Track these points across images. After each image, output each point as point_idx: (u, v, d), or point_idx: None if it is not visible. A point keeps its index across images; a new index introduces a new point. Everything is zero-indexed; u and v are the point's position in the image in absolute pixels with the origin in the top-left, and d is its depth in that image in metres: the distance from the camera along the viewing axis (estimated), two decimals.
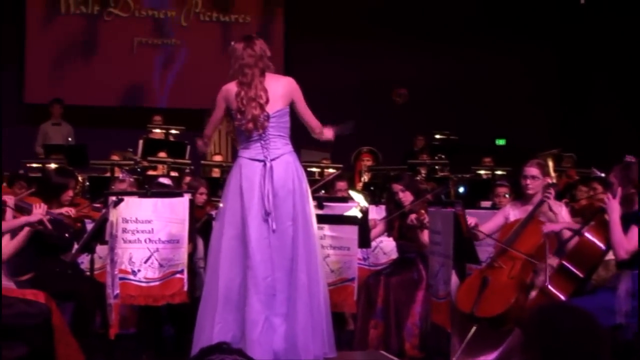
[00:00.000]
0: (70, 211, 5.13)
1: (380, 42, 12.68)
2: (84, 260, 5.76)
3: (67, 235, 5.34)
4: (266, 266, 4.28)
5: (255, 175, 4.36)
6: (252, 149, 4.43)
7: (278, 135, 4.43)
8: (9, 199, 4.55)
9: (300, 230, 4.37)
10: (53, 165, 8.41)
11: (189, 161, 9.06)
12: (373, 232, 5.76)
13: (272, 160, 4.39)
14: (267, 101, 4.41)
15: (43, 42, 12.59)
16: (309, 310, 4.34)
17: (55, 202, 5.36)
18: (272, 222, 4.32)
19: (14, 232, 4.82)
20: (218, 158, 10.14)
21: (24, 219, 4.35)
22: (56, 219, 4.86)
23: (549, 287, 4.56)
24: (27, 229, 4.82)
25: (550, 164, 7.85)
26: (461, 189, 8.33)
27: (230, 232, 4.35)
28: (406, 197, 5.72)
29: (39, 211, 4.38)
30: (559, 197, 5.63)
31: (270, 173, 4.36)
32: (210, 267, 4.42)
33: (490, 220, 5.23)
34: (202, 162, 9.59)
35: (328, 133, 4.68)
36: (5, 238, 4.83)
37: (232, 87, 4.48)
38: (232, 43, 4.57)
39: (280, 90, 4.46)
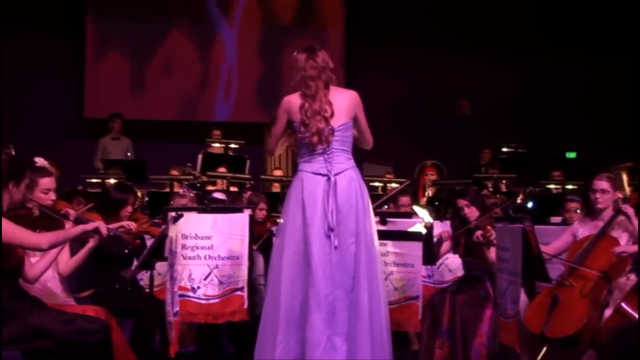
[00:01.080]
0: (131, 225, 5.21)
1: (444, 52, 12.63)
2: (143, 277, 5.85)
3: (126, 251, 5.42)
4: (328, 284, 4.28)
5: (318, 190, 4.36)
6: (315, 162, 4.43)
7: (341, 150, 4.44)
8: (71, 212, 4.64)
9: (362, 247, 4.35)
10: (112, 181, 8.57)
11: (248, 176, 9.14)
12: (437, 250, 5.72)
13: (335, 174, 4.39)
14: (332, 115, 4.41)
15: (102, 57, 12.87)
16: (369, 330, 4.31)
17: (114, 217, 5.45)
18: (334, 238, 4.32)
19: (73, 248, 4.92)
20: (278, 172, 10.21)
21: (81, 227, 4.42)
22: (115, 235, 4.95)
23: (624, 306, 4.46)
24: (88, 245, 4.92)
25: (624, 177, 7.70)
26: (530, 204, 8.21)
27: (292, 248, 4.36)
28: (472, 213, 5.67)
29: (98, 222, 4.45)
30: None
31: (334, 188, 4.35)
32: (271, 285, 4.43)
33: (558, 239, 5.15)
34: (262, 176, 9.67)
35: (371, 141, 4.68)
36: (66, 254, 4.94)
37: (294, 99, 4.49)
38: (295, 53, 4.58)
39: (344, 103, 4.46)
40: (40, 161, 5.06)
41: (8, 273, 4.10)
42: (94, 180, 9.15)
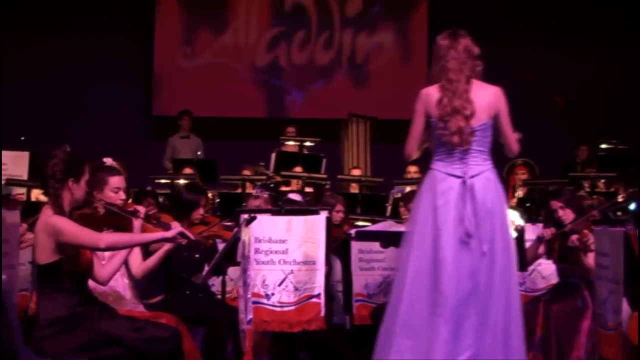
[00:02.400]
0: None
1: (534, 45, 12.45)
2: (214, 283, 5.91)
3: (197, 255, 5.50)
4: (459, 293, 4.23)
5: (452, 192, 4.29)
6: (450, 162, 4.35)
7: (479, 150, 4.34)
8: (140, 209, 4.72)
9: (497, 255, 4.27)
10: (182, 181, 8.69)
11: (325, 176, 9.14)
12: (530, 254, 5.64)
13: (471, 177, 4.32)
14: (473, 114, 4.32)
15: (171, 54, 13.09)
16: (503, 343, 4.24)
17: (185, 220, 5.53)
18: (478, 244, 4.24)
19: (146, 251, 5.01)
20: (356, 172, 10.20)
21: (159, 234, 4.50)
22: (196, 239, 5.03)
23: None
24: (165, 247, 5.00)
25: None
26: (632, 206, 8.01)
27: (419, 252, 4.30)
28: (567, 215, 5.57)
29: (177, 228, 4.52)
30: None
31: (470, 191, 4.29)
32: (395, 289, 4.39)
33: None
34: (339, 176, 9.67)
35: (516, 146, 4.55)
36: (137, 257, 5.01)
37: (433, 92, 4.40)
38: (437, 38, 4.48)
39: (485, 101, 4.35)
40: (108, 161, 5.17)
41: (77, 275, 4.21)
42: (163, 181, 9.28)
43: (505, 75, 4.58)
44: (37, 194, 8.47)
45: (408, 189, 8.81)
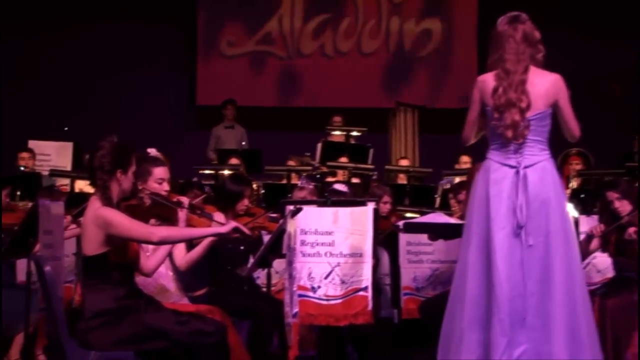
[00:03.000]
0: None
1: (589, 30, 12.29)
2: (260, 275, 5.95)
3: (242, 247, 5.53)
4: (513, 286, 4.20)
5: (505, 182, 4.28)
6: (504, 152, 4.33)
7: (535, 140, 4.31)
8: (184, 199, 4.76)
9: (554, 248, 4.23)
10: (227, 172, 8.74)
11: (371, 166, 9.14)
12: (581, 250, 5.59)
13: (525, 167, 4.28)
14: (529, 106, 4.28)
15: (215, 42, 13.16)
16: (564, 339, 4.19)
17: (230, 211, 5.56)
18: (525, 236, 4.24)
19: (189, 243, 5.05)
20: (404, 162, 10.18)
21: (213, 229, 4.54)
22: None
23: None
24: (208, 240, 5.05)
25: None
26: None
27: (477, 243, 4.31)
28: (623, 207, 5.51)
29: (231, 223, 4.56)
30: None
31: (523, 181, 4.26)
32: (457, 280, 4.40)
33: None
34: (387, 167, 9.66)
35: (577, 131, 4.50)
36: (181, 249, 5.07)
37: (489, 80, 4.37)
38: (497, 23, 4.41)
39: (542, 89, 4.31)
40: (152, 152, 5.23)
41: (124, 267, 4.26)
42: (207, 172, 9.35)
43: (560, 61, 4.51)
44: (81, 185, 8.59)
45: (458, 179, 8.77)
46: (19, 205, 7.62)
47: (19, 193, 7.61)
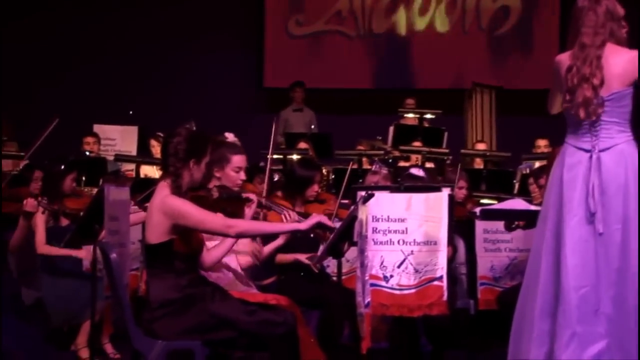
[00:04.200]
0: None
1: None
2: (330, 264, 5.97)
3: (312, 235, 5.55)
4: (583, 275, 4.14)
5: (580, 167, 4.23)
6: (579, 135, 4.28)
7: (612, 122, 4.23)
8: (254, 197, 4.76)
9: (632, 236, 4.15)
10: (295, 157, 8.78)
11: (446, 150, 9.09)
12: None
13: (600, 150, 4.22)
14: (602, 82, 4.20)
15: (282, 22, 13.19)
16: (635, 340, 4.11)
17: (299, 198, 5.59)
18: (597, 223, 4.19)
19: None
20: (481, 146, 10.10)
21: (293, 225, 4.55)
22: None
23: None
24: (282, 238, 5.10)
25: None
26: None
27: (550, 230, 4.28)
28: None
29: (314, 217, 4.57)
30: None
31: (597, 166, 4.20)
32: (531, 268, 4.38)
33: None
34: (462, 151, 9.59)
35: None
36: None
37: (564, 59, 4.32)
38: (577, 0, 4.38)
39: (619, 68, 4.23)
40: (230, 137, 5.26)
41: (189, 257, 4.31)
42: (275, 156, 9.38)
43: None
44: (146, 170, 8.71)
45: (537, 164, 8.66)
46: (84, 190, 7.77)
47: (84, 178, 7.75)
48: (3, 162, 8.91)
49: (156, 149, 9.28)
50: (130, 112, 10.87)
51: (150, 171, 8.82)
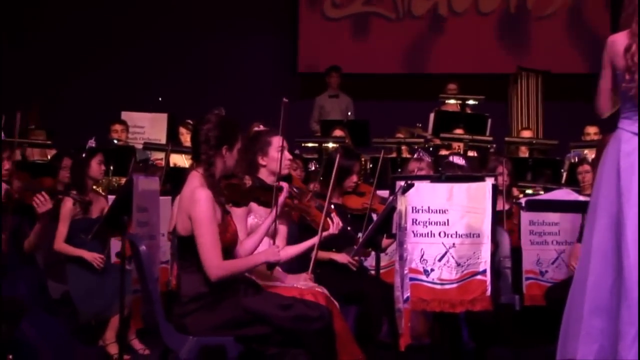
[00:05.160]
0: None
1: None
2: (367, 257, 5.97)
3: (349, 228, 5.56)
4: None
5: (637, 153, 4.20)
6: (637, 120, 4.23)
7: None
8: (285, 186, 4.79)
9: None
10: (331, 145, 8.78)
11: (490, 138, 9.05)
12: None
13: None
14: None
15: (318, 4, 13.18)
16: None
17: (337, 188, 5.59)
18: None
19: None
20: (527, 134, 10.04)
21: (262, 257, 4.51)
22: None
23: None
24: (313, 240, 5.11)
25: None
26: None
27: (604, 221, 4.23)
28: None
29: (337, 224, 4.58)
30: None
31: None
32: (581, 263, 4.35)
33: None
34: (507, 139, 9.54)
35: None
36: (281, 241, 5.10)
37: (619, 39, 4.27)
38: None
39: None
40: (260, 128, 5.33)
41: (222, 249, 4.32)
42: (310, 145, 9.40)
43: None
44: (176, 159, 8.76)
45: (586, 152, 8.60)
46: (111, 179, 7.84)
47: (112, 168, 7.81)
48: (32, 151, 9.02)
49: (185, 137, 9.34)
50: (160, 99, 10.92)
51: (180, 160, 8.87)
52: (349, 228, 5.58)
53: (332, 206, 5.28)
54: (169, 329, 4.34)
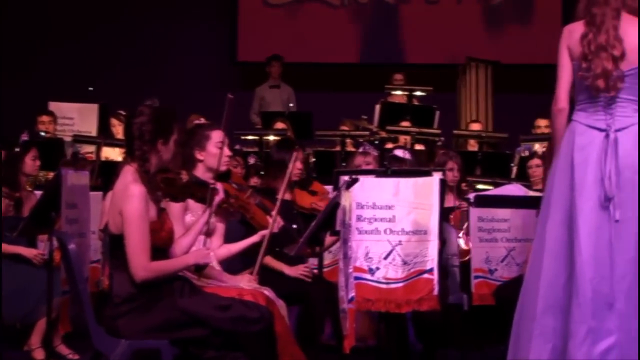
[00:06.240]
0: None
1: None
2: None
3: (294, 226, 5.57)
4: (597, 266, 4.17)
5: (592, 147, 4.25)
6: (593, 113, 4.29)
7: (629, 100, 4.26)
8: (220, 188, 4.74)
9: None
10: (272, 138, 8.78)
11: (438, 131, 9.11)
12: None
13: (617, 130, 4.24)
14: (623, 55, 4.23)
15: None
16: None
17: (281, 183, 5.59)
18: (613, 209, 4.20)
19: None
20: (476, 127, 10.12)
21: (187, 260, 4.50)
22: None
23: None
24: (252, 239, 5.13)
25: None
26: None
27: (557, 216, 4.29)
28: None
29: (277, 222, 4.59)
30: None
31: (614, 147, 4.21)
32: (533, 260, 4.40)
33: None
34: (455, 131, 9.61)
35: None
36: (218, 239, 5.09)
37: (576, 27, 4.35)
38: None
39: (638, 40, 4.25)
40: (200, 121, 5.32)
41: (156, 248, 4.29)
42: (250, 137, 9.39)
43: None
44: (108, 153, 8.69)
45: (537, 146, 8.70)
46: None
47: (39, 162, 7.71)
48: None
49: (117, 128, 9.27)
50: (90, 89, 10.80)
51: (112, 153, 8.80)
52: (294, 226, 5.59)
53: (277, 203, 5.28)
54: (99, 331, 4.30)
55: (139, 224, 4.20)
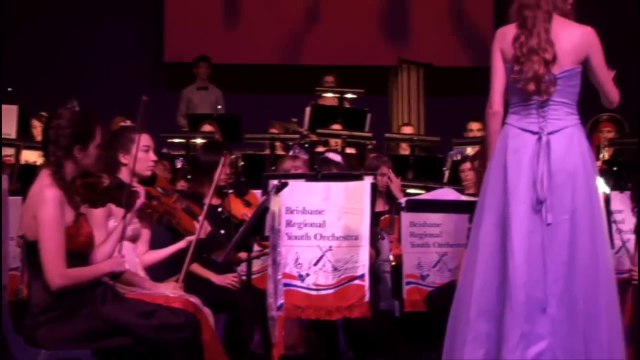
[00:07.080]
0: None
1: None
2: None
3: (222, 231, 5.55)
4: (530, 270, 4.22)
5: (524, 150, 4.30)
6: (525, 115, 4.35)
7: (561, 102, 4.32)
8: (141, 191, 4.70)
9: (579, 227, 4.26)
10: (199, 141, 8.74)
11: (369, 134, 9.15)
12: None
13: (549, 133, 4.30)
14: (554, 58, 4.29)
15: None
16: (583, 332, 4.22)
17: (207, 185, 5.57)
18: (545, 213, 4.26)
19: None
20: (408, 130, 10.19)
21: (105, 267, 4.47)
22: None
23: None
24: (178, 245, 5.13)
25: None
26: None
27: (491, 219, 4.33)
28: None
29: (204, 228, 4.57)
30: None
31: (546, 150, 4.27)
32: (466, 263, 4.43)
33: None
34: (387, 135, 9.66)
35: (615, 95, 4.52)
36: (143, 245, 5.06)
37: (509, 30, 4.41)
38: None
39: (569, 43, 4.33)
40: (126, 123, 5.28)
41: (75, 254, 4.25)
42: (177, 141, 9.34)
43: (594, 17, 4.51)
44: (28, 156, 8.56)
45: (470, 149, 8.78)
46: None
47: None
48: None
49: (38, 130, 9.14)
50: (9, 89, 10.64)
51: (32, 156, 8.68)
52: (222, 232, 5.57)
53: (204, 208, 5.26)
54: (18, 342, 4.25)
55: (54, 229, 4.15)
